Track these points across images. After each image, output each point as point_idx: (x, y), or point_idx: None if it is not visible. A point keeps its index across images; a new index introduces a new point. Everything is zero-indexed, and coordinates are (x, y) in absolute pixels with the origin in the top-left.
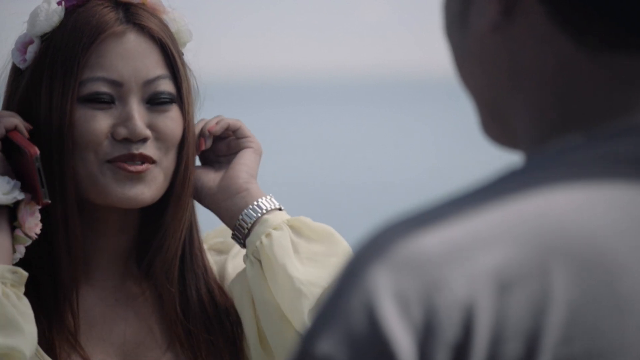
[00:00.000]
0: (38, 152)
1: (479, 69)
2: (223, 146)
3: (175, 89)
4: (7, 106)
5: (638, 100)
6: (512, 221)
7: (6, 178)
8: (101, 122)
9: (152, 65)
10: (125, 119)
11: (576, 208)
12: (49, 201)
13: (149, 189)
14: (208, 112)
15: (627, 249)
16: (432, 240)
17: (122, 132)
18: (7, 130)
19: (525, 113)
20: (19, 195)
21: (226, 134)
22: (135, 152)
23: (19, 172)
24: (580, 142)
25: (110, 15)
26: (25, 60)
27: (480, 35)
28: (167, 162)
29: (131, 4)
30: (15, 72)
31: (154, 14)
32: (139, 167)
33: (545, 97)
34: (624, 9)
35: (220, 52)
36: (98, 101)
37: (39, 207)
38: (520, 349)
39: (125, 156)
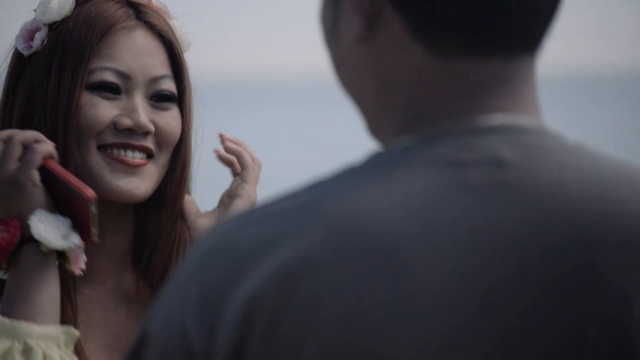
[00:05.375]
0: (95, 195)
1: (352, 77)
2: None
3: (177, 90)
4: (8, 92)
5: (483, 102)
6: (315, 219)
7: (59, 217)
8: (106, 110)
9: (159, 63)
10: (130, 111)
11: (377, 207)
12: (98, 239)
13: (143, 184)
14: (211, 112)
15: (418, 250)
16: (241, 236)
17: (126, 122)
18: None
19: (391, 119)
20: (75, 240)
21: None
22: (136, 143)
23: (56, 201)
24: (409, 144)
25: (121, 10)
26: (30, 46)
27: (349, 47)
28: (163, 160)
29: (140, 4)
30: (18, 58)
31: (161, 15)
32: (137, 161)
33: (401, 102)
34: (471, 17)
35: (223, 51)
36: (105, 90)
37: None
38: (294, 336)
39: (124, 144)
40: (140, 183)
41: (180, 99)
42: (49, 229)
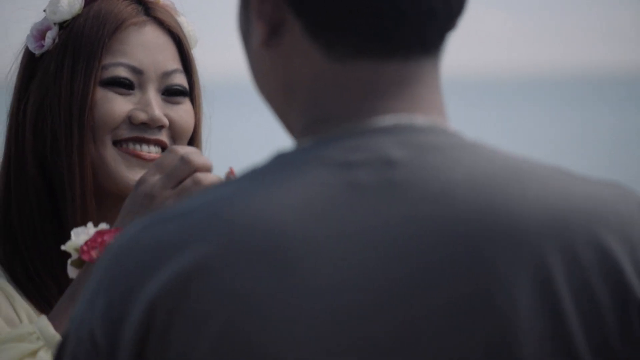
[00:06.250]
0: None
1: (263, 81)
2: None
3: (187, 85)
4: (20, 92)
5: (379, 104)
6: (213, 220)
7: None
8: (120, 105)
9: (169, 58)
10: (145, 105)
11: (270, 208)
12: None
13: None
14: (218, 110)
15: (306, 248)
16: (146, 238)
17: (141, 116)
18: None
19: (297, 121)
20: None
21: None
22: (151, 137)
23: None
24: (307, 146)
25: (131, 7)
26: (42, 46)
27: (257, 52)
28: None
29: (148, 1)
30: (30, 58)
31: (169, 12)
32: (153, 155)
33: (304, 105)
34: (366, 21)
35: (230, 49)
36: (118, 85)
37: None
38: (187, 336)
39: (139, 138)
40: None
41: (190, 93)
42: None
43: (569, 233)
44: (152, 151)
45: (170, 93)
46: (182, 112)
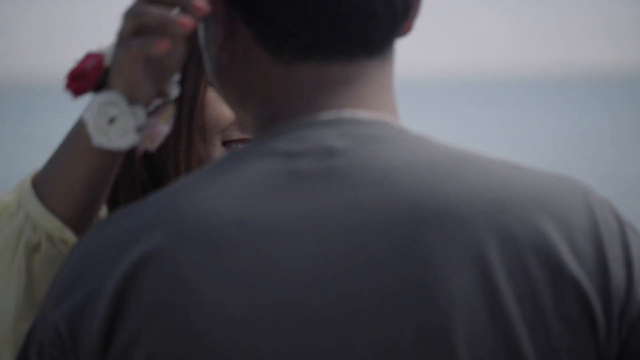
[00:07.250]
0: None
1: (221, 82)
2: None
3: None
4: None
5: (324, 101)
6: (161, 213)
7: (136, 109)
8: None
9: None
10: None
11: (213, 197)
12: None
13: None
14: None
15: (244, 233)
16: (107, 233)
17: None
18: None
19: (251, 120)
20: (125, 143)
21: None
22: None
23: None
24: (255, 141)
25: None
26: None
27: (214, 56)
28: None
29: None
30: None
31: None
32: None
33: (256, 106)
34: (309, 26)
35: None
36: None
37: None
38: (137, 324)
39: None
40: None
41: None
42: (100, 118)
43: (504, 215)
44: None
45: None
46: None
